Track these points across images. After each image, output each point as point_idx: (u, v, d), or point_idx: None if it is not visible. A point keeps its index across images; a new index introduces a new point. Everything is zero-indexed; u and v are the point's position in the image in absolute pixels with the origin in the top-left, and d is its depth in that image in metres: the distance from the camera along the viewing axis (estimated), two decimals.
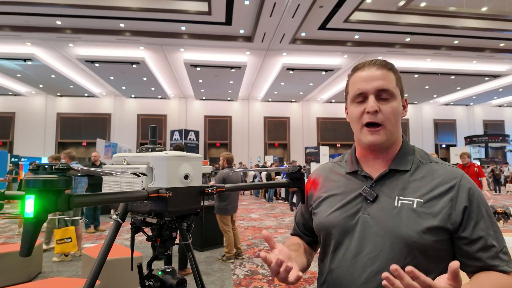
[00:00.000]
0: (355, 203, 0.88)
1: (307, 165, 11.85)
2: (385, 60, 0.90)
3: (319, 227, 0.95)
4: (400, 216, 0.80)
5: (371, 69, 0.87)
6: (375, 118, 0.84)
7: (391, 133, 0.86)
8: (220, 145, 21.99)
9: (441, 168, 0.85)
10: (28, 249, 0.56)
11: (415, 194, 0.82)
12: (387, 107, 0.84)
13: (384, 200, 0.84)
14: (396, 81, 0.88)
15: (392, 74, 0.88)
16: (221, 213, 4.67)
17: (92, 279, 0.91)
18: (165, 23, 10.76)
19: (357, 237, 0.84)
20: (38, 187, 0.56)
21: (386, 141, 0.86)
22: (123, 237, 6.08)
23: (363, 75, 0.87)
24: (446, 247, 0.80)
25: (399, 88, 0.88)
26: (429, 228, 0.77)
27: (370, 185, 0.88)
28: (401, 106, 0.88)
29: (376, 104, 0.84)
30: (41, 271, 4.25)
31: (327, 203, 0.95)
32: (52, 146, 20.32)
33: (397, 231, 0.79)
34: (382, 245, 0.80)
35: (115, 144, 13.83)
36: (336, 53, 13.49)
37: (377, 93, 0.85)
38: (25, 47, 12.65)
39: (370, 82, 0.85)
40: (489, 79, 17.08)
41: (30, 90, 19.16)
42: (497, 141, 23.07)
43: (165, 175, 0.87)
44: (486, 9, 10.52)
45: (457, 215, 0.78)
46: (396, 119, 0.86)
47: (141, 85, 17.60)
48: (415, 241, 0.77)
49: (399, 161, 0.88)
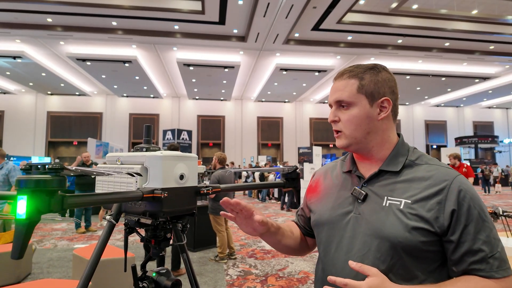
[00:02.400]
0: (347, 202, 0.91)
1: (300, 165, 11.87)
2: (356, 66, 0.91)
3: (314, 224, 0.99)
4: (386, 216, 0.81)
5: (335, 81, 0.94)
6: (335, 127, 0.92)
7: (353, 137, 0.89)
8: (213, 145, 21.93)
9: (434, 169, 0.84)
10: (20, 251, 0.54)
11: (403, 195, 0.82)
12: (344, 115, 0.90)
13: (374, 200, 0.86)
14: (358, 88, 0.87)
15: (356, 81, 0.88)
16: (215, 213, 4.65)
17: (85, 280, 0.90)
18: (158, 21, 10.68)
19: (348, 236, 0.86)
20: (30, 187, 0.55)
21: (349, 145, 0.90)
22: (114, 238, 6.01)
23: (332, 87, 0.95)
24: (434, 249, 0.79)
25: (365, 93, 0.87)
26: (414, 228, 0.77)
27: (361, 185, 0.90)
28: (367, 110, 0.87)
29: (333, 115, 0.92)
30: (30, 272, 4.18)
31: (324, 201, 0.98)
32: (42, 145, 20.01)
33: (382, 230, 0.80)
34: (370, 244, 0.82)
35: (106, 144, 13.68)
36: (329, 54, 13.56)
37: (337, 104, 0.91)
38: (14, 44, 12.42)
39: (331, 94, 0.94)
40: (479, 81, 17.36)
41: (19, 88, 18.82)
42: (486, 142, 23.47)
43: (160, 175, 0.86)
44: (476, 12, 10.68)
45: (444, 219, 0.77)
46: (358, 124, 0.87)
47: (133, 84, 17.43)
48: (400, 241, 0.77)
49: (390, 162, 0.88)
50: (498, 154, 24.89)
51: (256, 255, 5.10)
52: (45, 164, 0.58)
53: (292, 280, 4.01)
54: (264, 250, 5.36)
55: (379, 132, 0.89)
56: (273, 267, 4.49)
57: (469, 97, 20.77)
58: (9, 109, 19.86)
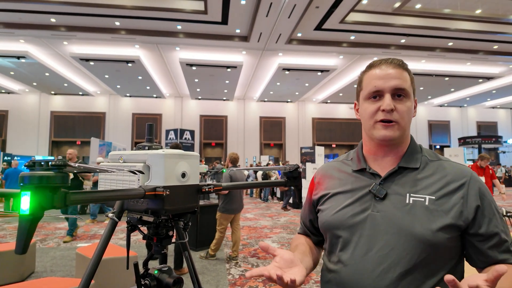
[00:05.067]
0: (363, 200, 0.88)
1: (302, 165, 11.86)
2: (401, 60, 0.90)
3: (325, 225, 0.94)
4: (412, 214, 0.80)
5: (388, 68, 0.87)
6: (390, 117, 0.85)
7: (404, 130, 0.87)
8: (215, 145, 21.95)
9: (450, 166, 0.86)
10: (23, 246, 0.55)
11: (426, 191, 0.82)
12: (402, 106, 0.86)
13: (394, 197, 0.84)
14: (410, 81, 0.89)
15: (407, 74, 0.89)
16: (224, 212, 4.60)
17: (88, 278, 0.91)
18: (161, 21, 10.71)
19: (367, 235, 0.83)
20: (34, 184, 0.56)
21: (398, 137, 0.87)
22: (116, 237, 6.04)
23: (379, 73, 0.88)
24: (456, 244, 0.81)
25: (413, 88, 0.90)
26: (442, 226, 0.78)
27: (379, 183, 0.87)
28: (413, 105, 0.90)
29: (392, 103, 0.85)
30: (34, 270, 4.20)
31: (333, 201, 0.94)
32: (46, 144, 20.12)
33: (410, 228, 0.79)
34: (394, 243, 0.80)
35: (109, 143, 13.71)
36: (332, 54, 13.53)
37: (393, 92, 0.86)
38: (18, 45, 12.50)
39: (387, 81, 0.86)
40: (483, 81, 17.27)
41: (23, 88, 18.95)
42: (490, 142, 23.31)
43: (162, 173, 0.86)
44: (480, 11, 10.63)
45: (469, 213, 0.79)
46: (409, 118, 0.88)
47: (136, 84, 17.49)
48: (428, 239, 0.77)
49: (408, 158, 0.88)
50: (502, 154, 24.74)
51: (258, 254, 5.10)
52: (48, 161, 0.59)
53: None
54: None
55: (409, 128, 0.90)
56: None
57: (473, 97, 20.66)
58: (13, 109, 20.00)
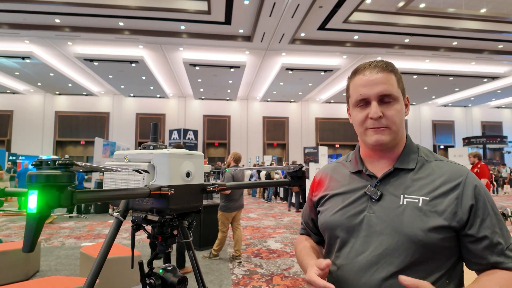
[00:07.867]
0: (359, 202, 0.88)
1: (306, 165, 11.84)
2: (385, 61, 0.88)
3: (324, 226, 0.95)
4: (405, 214, 0.80)
5: (372, 73, 0.85)
6: (379, 124, 0.84)
7: (396, 134, 0.86)
8: (218, 145, 21.97)
9: (446, 166, 0.85)
10: (31, 245, 0.56)
11: (420, 192, 0.82)
12: (391, 111, 0.84)
13: (389, 198, 0.84)
14: (397, 82, 0.87)
15: (393, 76, 0.87)
16: (225, 211, 4.64)
17: (93, 277, 0.91)
18: (165, 22, 10.74)
19: (363, 236, 0.84)
20: (41, 183, 0.56)
21: (391, 141, 0.86)
22: (121, 236, 6.06)
23: (364, 79, 0.86)
24: (452, 244, 0.80)
25: (401, 88, 0.88)
26: (434, 227, 0.77)
27: (374, 184, 0.88)
28: (403, 106, 0.89)
29: (378, 110, 0.83)
30: (39, 269, 4.24)
31: (332, 202, 0.95)
32: (50, 144, 20.26)
33: (402, 229, 0.79)
34: (388, 243, 0.80)
35: (113, 143, 13.78)
36: (335, 54, 13.50)
37: (379, 98, 0.84)
38: (23, 45, 12.59)
39: (372, 87, 0.84)
40: (487, 80, 17.12)
41: (28, 88, 19.08)
42: (495, 142, 23.14)
43: (167, 173, 0.87)
44: (485, 10, 10.55)
45: (463, 213, 0.78)
46: (400, 120, 0.87)
47: (140, 84, 17.55)
48: (420, 239, 0.77)
49: (404, 159, 0.88)
50: (507, 154, 24.54)
51: (262, 254, 5.10)
52: (55, 160, 0.59)
53: (298, 280, 4.00)
54: (269, 250, 5.36)
55: (402, 129, 0.89)
56: (278, 267, 4.49)
57: (477, 96, 20.50)
58: (17, 109, 20.14)
